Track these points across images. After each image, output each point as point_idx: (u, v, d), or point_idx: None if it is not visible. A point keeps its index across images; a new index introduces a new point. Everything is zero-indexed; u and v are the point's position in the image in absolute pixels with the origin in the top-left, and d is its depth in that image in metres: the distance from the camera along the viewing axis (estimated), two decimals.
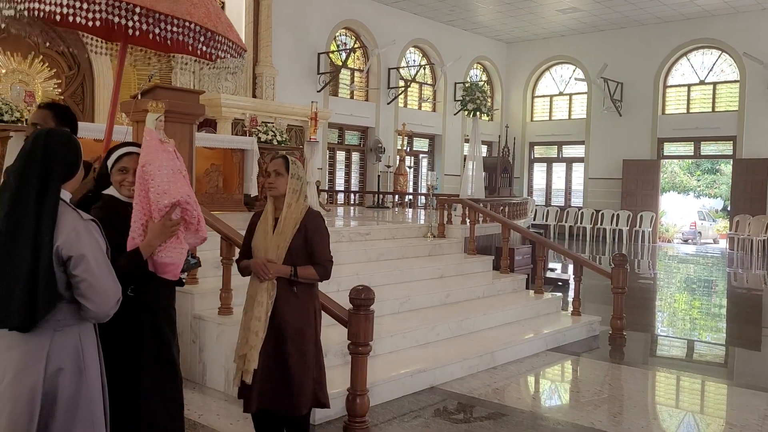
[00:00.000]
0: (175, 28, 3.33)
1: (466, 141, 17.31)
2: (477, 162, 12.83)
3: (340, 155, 16.80)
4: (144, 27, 3.27)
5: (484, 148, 19.42)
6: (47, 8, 3.19)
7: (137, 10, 3.25)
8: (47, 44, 3.91)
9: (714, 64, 17.47)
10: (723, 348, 7.13)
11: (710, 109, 17.56)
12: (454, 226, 8.43)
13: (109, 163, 2.81)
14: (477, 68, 20.23)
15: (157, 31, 3.29)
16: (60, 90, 10.07)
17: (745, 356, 6.85)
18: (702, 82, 17.72)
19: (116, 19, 3.22)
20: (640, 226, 17.97)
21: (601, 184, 18.94)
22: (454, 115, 18.70)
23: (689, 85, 17.90)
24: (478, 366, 5.42)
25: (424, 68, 18.43)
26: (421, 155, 18.95)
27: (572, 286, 8.28)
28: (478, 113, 12.88)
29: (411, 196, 15.96)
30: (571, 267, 10.35)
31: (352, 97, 16.75)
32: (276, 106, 12.78)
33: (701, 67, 17.71)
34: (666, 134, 18.05)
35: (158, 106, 3.10)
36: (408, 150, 17.46)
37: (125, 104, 5.10)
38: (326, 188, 15.25)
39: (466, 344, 5.67)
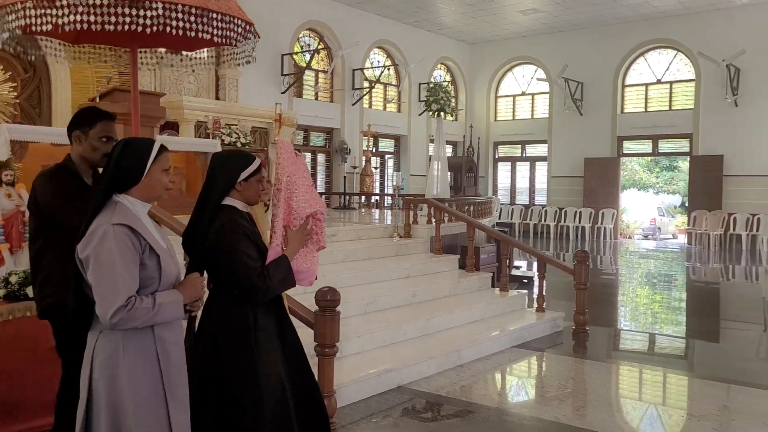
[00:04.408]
0: (174, 14, 3.32)
1: (431, 141, 17.39)
2: (442, 162, 12.93)
3: (306, 157, 16.75)
4: (149, 25, 3.26)
5: (449, 148, 19.56)
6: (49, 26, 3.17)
7: (153, 6, 3.24)
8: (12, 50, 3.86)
9: (670, 64, 17.87)
10: (683, 341, 7.31)
11: (668, 108, 17.94)
12: (420, 226, 8.47)
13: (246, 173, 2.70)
14: (441, 69, 20.36)
15: (158, 28, 3.29)
16: (15, 93, 9.81)
17: (704, 348, 7.03)
18: (659, 82, 18.11)
19: (111, 18, 3.22)
20: (601, 223, 18.29)
21: (564, 183, 19.23)
22: (419, 115, 18.78)
23: (647, 84, 18.28)
24: (445, 364, 5.46)
25: (389, 69, 18.47)
26: (386, 156, 18.98)
27: (537, 283, 8.40)
28: (442, 113, 12.99)
29: (377, 197, 15.97)
30: (535, 264, 10.50)
31: (316, 99, 16.69)
32: (240, 108, 12.64)
33: (658, 67, 18.11)
34: (625, 132, 18.40)
35: (292, 122, 3.16)
36: (374, 151, 17.46)
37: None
38: None
39: (432, 343, 5.72)
